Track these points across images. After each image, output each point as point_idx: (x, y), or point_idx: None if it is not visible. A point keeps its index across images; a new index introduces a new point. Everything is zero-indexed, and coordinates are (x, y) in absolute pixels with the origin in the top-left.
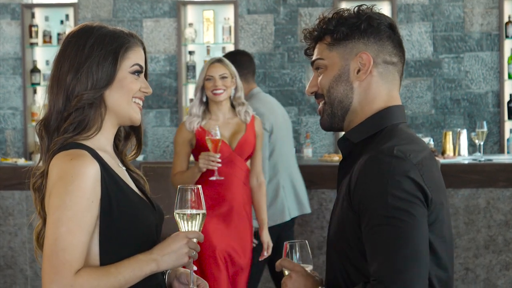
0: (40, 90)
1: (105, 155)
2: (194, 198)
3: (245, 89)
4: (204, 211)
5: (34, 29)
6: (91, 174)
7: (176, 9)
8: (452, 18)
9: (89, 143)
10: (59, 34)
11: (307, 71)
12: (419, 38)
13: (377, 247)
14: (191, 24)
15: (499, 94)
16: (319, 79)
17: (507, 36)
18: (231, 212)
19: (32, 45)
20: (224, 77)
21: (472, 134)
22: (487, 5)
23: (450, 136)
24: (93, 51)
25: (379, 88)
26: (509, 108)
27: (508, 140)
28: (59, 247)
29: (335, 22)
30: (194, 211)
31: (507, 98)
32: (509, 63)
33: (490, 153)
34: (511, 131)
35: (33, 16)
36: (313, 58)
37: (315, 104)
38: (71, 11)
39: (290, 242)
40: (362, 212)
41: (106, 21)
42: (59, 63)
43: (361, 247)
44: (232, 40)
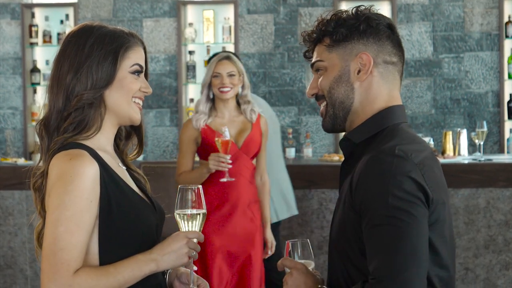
0: (40, 90)
1: (105, 155)
2: (194, 198)
3: None
4: (204, 211)
5: (34, 29)
6: (90, 174)
7: (176, 9)
8: (452, 18)
9: (89, 143)
10: (59, 34)
11: (307, 71)
12: (419, 38)
13: (377, 247)
14: (191, 24)
15: (499, 94)
16: (319, 80)
17: (507, 36)
18: (236, 211)
19: (32, 45)
20: (232, 75)
21: (472, 134)
22: (487, 5)
23: (450, 136)
24: (93, 51)
25: (380, 88)
26: (509, 108)
27: (508, 140)
28: (58, 247)
29: (334, 23)
30: (194, 211)
31: (507, 98)
32: (509, 63)
33: (490, 153)
34: (511, 131)
35: (33, 16)
36: (312, 60)
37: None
38: (71, 11)
39: (292, 241)
40: (363, 212)
41: (106, 21)
42: (59, 62)
43: (361, 247)
44: (232, 40)
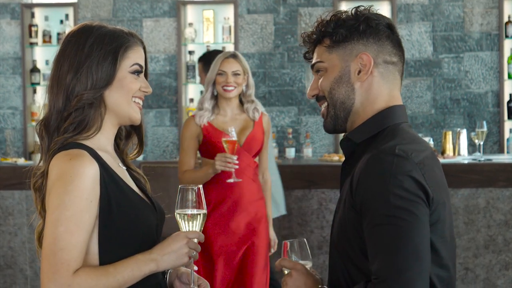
0: (40, 89)
1: (105, 155)
2: (195, 198)
3: None
4: (205, 211)
5: (33, 28)
6: (90, 174)
7: (176, 8)
8: (452, 18)
9: (89, 143)
10: (58, 34)
11: (307, 71)
12: (419, 38)
13: (378, 246)
14: (191, 24)
15: (499, 94)
16: (320, 81)
17: (507, 36)
18: (239, 209)
19: (32, 44)
20: (237, 73)
21: (472, 134)
22: (487, 5)
23: (450, 136)
24: (92, 51)
25: (380, 88)
26: (509, 108)
27: (508, 140)
28: (58, 247)
29: (334, 24)
30: (195, 211)
31: (507, 98)
32: (509, 63)
33: (490, 153)
34: (511, 131)
35: (32, 15)
36: (312, 61)
37: (315, 104)
38: (71, 11)
39: (290, 241)
40: (364, 212)
41: (106, 20)
42: (59, 62)
43: (362, 247)
44: (232, 40)
